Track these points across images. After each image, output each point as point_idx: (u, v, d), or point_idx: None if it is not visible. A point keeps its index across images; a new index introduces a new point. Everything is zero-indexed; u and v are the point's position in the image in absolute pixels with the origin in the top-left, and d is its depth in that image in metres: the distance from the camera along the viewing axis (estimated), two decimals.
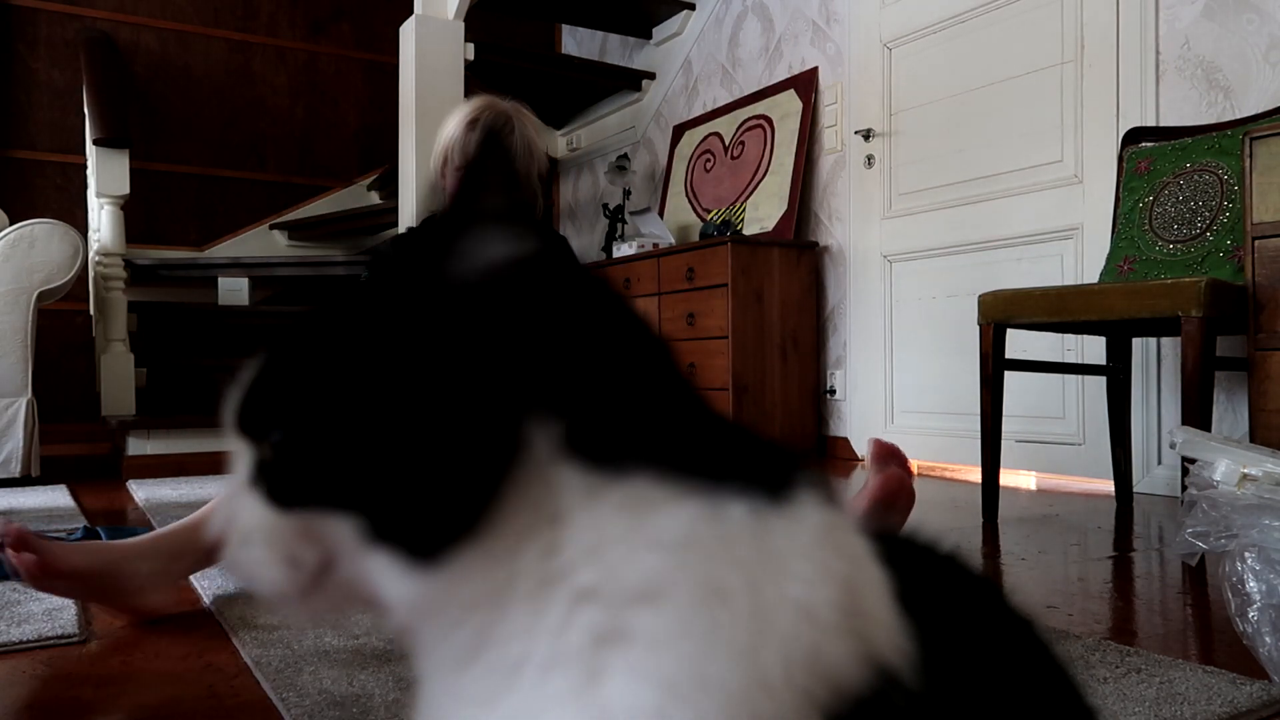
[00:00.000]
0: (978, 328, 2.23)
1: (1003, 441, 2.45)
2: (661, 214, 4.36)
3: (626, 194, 4.54)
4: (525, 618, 0.29)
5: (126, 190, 3.58)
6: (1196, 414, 1.82)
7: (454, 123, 1.78)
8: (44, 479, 3.01)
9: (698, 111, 4.43)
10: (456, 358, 0.31)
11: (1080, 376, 2.69)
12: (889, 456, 1.28)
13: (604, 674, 0.27)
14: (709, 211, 4.12)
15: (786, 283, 3.60)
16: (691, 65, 4.50)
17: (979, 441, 2.21)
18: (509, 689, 0.29)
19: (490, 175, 0.32)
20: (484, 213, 0.32)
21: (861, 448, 3.53)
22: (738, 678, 0.26)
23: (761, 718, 0.26)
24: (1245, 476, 1.04)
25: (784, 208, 3.73)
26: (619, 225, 4.54)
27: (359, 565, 0.32)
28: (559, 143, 5.34)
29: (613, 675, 0.27)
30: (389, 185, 4.90)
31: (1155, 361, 2.62)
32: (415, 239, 0.33)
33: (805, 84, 3.76)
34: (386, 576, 0.31)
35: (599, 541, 0.29)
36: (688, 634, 0.27)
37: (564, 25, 5.69)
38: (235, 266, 4.40)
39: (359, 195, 5.17)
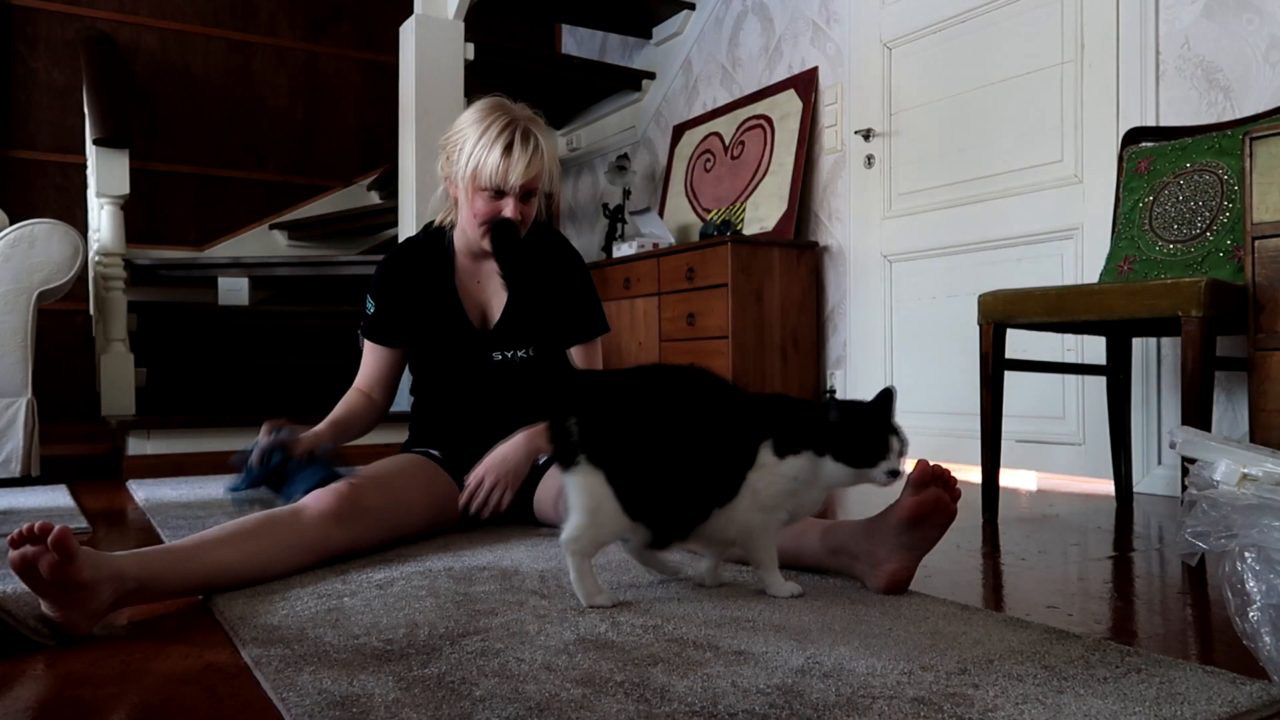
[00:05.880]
0: (978, 328, 2.23)
1: (1003, 441, 2.45)
2: (661, 214, 4.36)
3: (626, 194, 4.54)
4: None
5: (126, 190, 3.58)
6: (1196, 414, 1.82)
7: (473, 134, 1.74)
8: (44, 479, 3.01)
9: (698, 111, 4.43)
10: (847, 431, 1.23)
11: (1080, 376, 2.69)
12: (930, 480, 1.30)
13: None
14: (709, 211, 4.12)
15: (786, 283, 3.60)
16: (691, 65, 4.50)
17: (979, 441, 2.21)
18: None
19: None
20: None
21: None
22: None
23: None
24: (1245, 476, 1.04)
25: (784, 208, 3.73)
26: (619, 225, 4.55)
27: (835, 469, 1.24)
28: (559, 143, 5.34)
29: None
30: (389, 185, 4.90)
31: (1155, 361, 2.62)
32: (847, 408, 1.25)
33: (805, 84, 3.76)
34: (839, 469, 1.24)
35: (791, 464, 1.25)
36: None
37: (564, 25, 5.69)
38: (235, 266, 4.40)
39: (359, 195, 5.17)
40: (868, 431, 1.24)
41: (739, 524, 1.28)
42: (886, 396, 1.27)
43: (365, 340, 1.92)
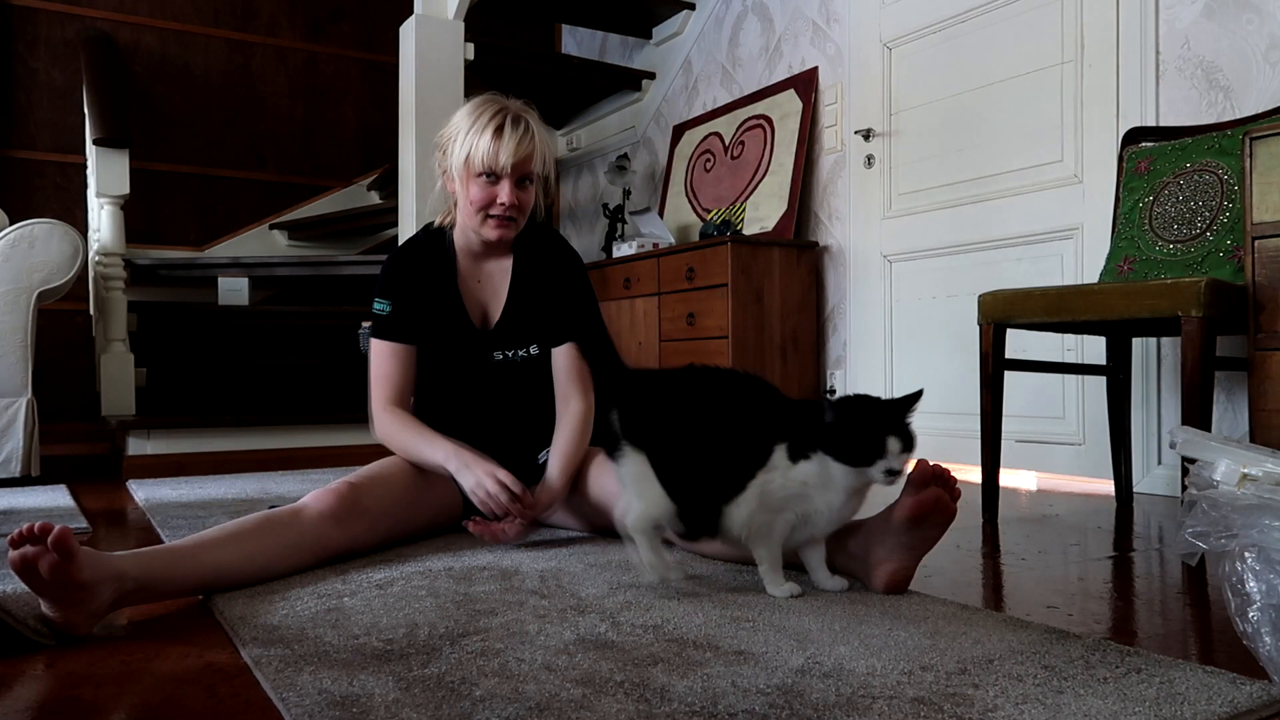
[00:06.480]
0: (978, 328, 2.23)
1: (1003, 441, 2.45)
2: (661, 214, 4.36)
3: (626, 194, 4.54)
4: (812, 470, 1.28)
5: (126, 190, 3.58)
6: (1196, 414, 1.82)
7: (464, 125, 1.75)
8: (44, 479, 3.01)
9: (698, 111, 4.43)
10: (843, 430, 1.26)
11: (1080, 376, 2.69)
12: (930, 479, 1.31)
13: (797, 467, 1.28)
14: (709, 211, 4.12)
15: (786, 283, 3.60)
16: (691, 65, 4.50)
17: (979, 441, 2.21)
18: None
19: None
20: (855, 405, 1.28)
21: None
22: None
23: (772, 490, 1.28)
24: (1245, 476, 1.04)
25: (784, 208, 3.73)
26: (619, 225, 4.54)
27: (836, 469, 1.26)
28: (559, 143, 5.34)
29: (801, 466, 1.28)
30: (389, 185, 4.90)
31: (1155, 361, 2.62)
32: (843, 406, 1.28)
33: (805, 84, 3.76)
34: (839, 469, 1.26)
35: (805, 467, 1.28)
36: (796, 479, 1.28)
37: (564, 25, 5.69)
38: (235, 266, 4.40)
39: (359, 195, 5.17)
40: (862, 431, 1.24)
41: (742, 522, 1.29)
42: (909, 397, 1.28)
43: (384, 343, 1.84)
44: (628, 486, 1.34)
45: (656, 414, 1.34)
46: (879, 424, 1.25)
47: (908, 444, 1.26)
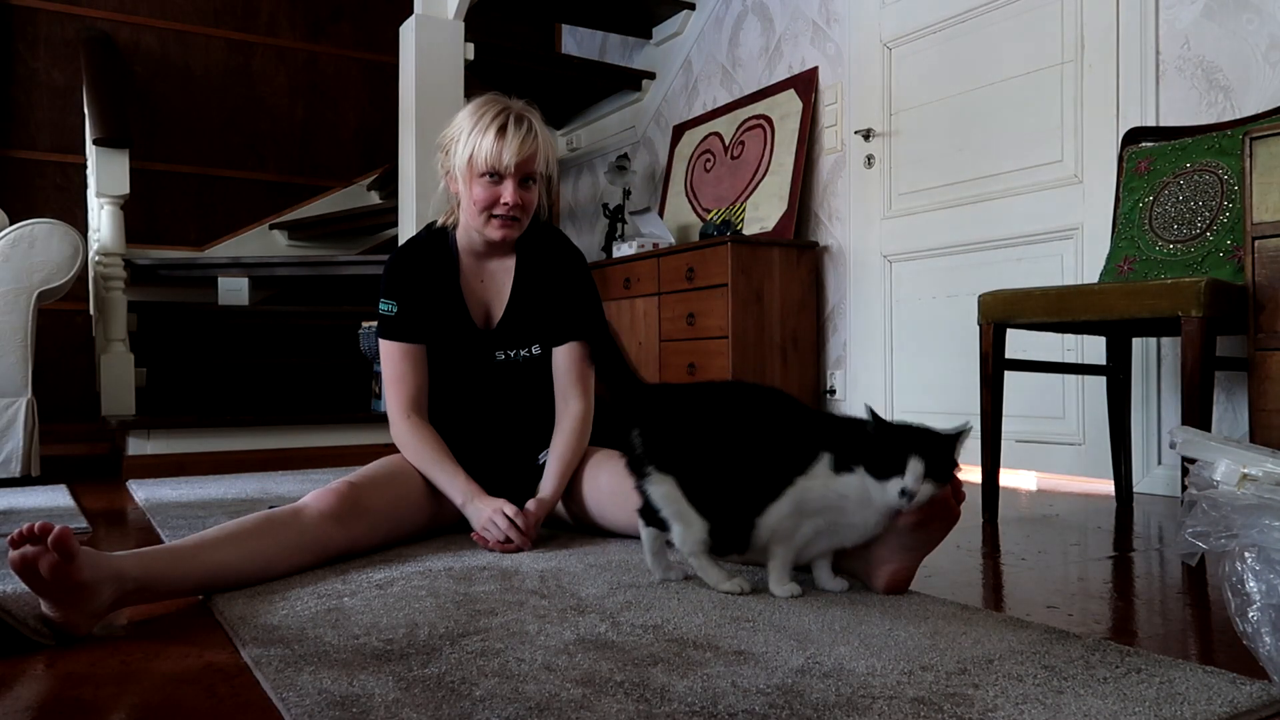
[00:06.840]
0: (978, 328, 2.23)
1: (1003, 441, 2.45)
2: (661, 214, 4.36)
3: (626, 194, 4.54)
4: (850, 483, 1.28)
5: (126, 190, 3.58)
6: (1196, 414, 1.82)
7: (467, 125, 1.75)
8: (44, 479, 3.01)
9: (698, 111, 4.43)
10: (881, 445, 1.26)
11: (1080, 376, 2.69)
12: None
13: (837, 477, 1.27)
14: (709, 211, 4.12)
15: (786, 283, 3.60)
16: (691, 65, 4.50)
17: (979, 441, 2.21)
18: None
19: None
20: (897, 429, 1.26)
21: None
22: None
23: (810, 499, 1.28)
24: (1245, 476, 1.04)
25: (784, 208, 3.73)
26: (619, 225, 4.54)
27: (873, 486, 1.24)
28: (559, 143, 5.34)
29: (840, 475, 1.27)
30: (389, 185, 4.90)
31: (1155, 361, 2.62)
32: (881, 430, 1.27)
33: (805, 84, 3.76)
34: (875, 486, 1.24)
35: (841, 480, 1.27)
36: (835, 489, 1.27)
37: (564, 25, 5.69)
38: (235, 266, 4.40)
39: (359, 195, 5.17)
40: (888, 446, 1.24)
41: (770, 526, 1.29)
42: (954, 429, 1.27)
43: (394, 344, 1.83)
44: (667, 514, 1.34)
45: (683, 434, 1.33)
46: (906, 443, 1.24)
47: (934, 472, 1.23)
